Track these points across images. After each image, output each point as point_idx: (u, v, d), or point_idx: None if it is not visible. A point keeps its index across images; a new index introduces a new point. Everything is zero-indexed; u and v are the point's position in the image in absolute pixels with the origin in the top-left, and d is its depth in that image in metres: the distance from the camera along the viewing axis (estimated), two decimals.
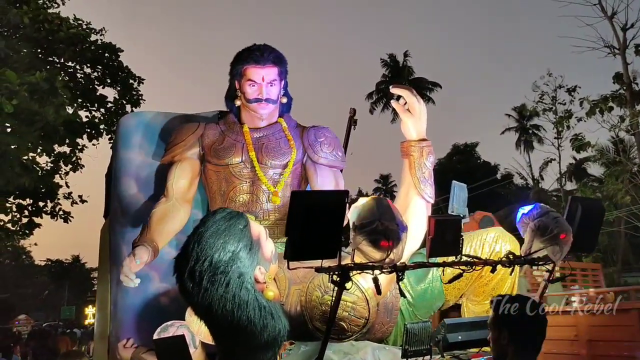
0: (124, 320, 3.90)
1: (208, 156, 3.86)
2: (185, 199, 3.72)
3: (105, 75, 12.61)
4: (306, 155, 3.94)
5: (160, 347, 2.71)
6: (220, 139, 3.90)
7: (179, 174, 3.76)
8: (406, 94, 3.32)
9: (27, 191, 10.33)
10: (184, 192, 3.69)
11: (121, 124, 4.63)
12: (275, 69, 3.84)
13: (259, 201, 3.68)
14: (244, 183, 3.74)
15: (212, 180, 3.85)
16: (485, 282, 3.43)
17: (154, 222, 3.50)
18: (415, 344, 2.73)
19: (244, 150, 3.82)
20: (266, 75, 3.81)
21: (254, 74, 3.80)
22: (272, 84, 3.84)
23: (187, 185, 3.76)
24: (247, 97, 3.85)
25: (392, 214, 2.29)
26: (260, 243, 2.80)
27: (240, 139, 3.87)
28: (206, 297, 2.49)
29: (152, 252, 3.31)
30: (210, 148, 3.86)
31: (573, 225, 2.78)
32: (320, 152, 3.90)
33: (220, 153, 3.82)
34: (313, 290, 2.99)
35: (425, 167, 3.30)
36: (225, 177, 3.77)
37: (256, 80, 3.81)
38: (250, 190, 3.71)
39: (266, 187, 3.70)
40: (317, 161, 3.87)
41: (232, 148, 3.82)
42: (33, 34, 10.33)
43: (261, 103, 3.83)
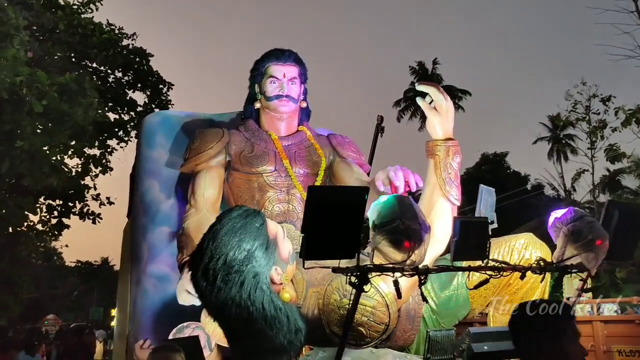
0: (142, 320, 3.87)
1: (236, 164, 3.79)
2: (214, 208, 3.66)
3: (136, 80, 12.82)
4: (334, 155, 3.96)
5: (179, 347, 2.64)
6: (249, 147, 3.84)
7: (209, 183, 3.69)
8: (433, 91, 3.21)
9: (56, 192, 10.53)
10: (213, 202, 3.64)
11: (145, 123, 4.64)
12: (296, 68, 3.89)
13: (295, 210, 3.62)
14: (279, 192, 3.68)
15: (242, 189, 3.77)
16: (513, 291, 3.26)
17: (193, 234, 3.38)
18: (438, 353, 2.59)
19: (276, 158, 3.78)
20: (287, 73, 3.84)
21: (276, 71, 3.84)
22: (293, 82, 3.86)
23: (216, 195, 3.70)
24: (268, 94, 3.85)
25: (414, 213, 2.17)
26: (277, 242, 2.71)
27: (271, 147, 3.83)
28: (219, 297, 2.41)
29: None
30: (240, 156, 3.80)
31: (609, 231, 2.60)
32: (349, 150, 3.99)
33: (253, 161, 3.75)
34: (331, 293, 2.88)
35: (452, 167, 3.17)
36: (259, 186, 3.70)
37: (277, 76, 3.83)
38: (285, 199, 3.66)
39: (301, 195, 3.65)
40: (347, 157, 3.93)
41: (265, 156, 3.77)
42: (67, 39, 10.57)
43: (282, 99, 3.82)
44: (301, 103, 4.00)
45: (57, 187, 9.18)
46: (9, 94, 6.70)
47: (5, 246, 10.93)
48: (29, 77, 6.83)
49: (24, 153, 7.65)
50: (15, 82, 6.61)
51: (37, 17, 9.35)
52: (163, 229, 4.06)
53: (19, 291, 12.53)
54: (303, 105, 4.04)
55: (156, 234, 4.08)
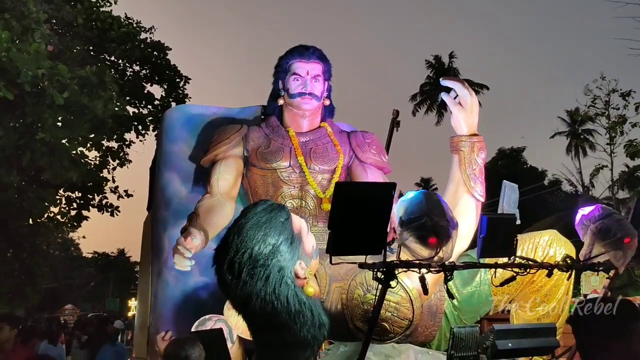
0: (164, 312, 3.90)
1: (253, 160, 3.80)
2: (230, 195, 3.66)
3: (153, 74, 12.87)
4: (353, 157, 3.90)
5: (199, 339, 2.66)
6: (266, 143, 3.84)
7: (224, 169, 3.71)
8: (458, 86, 3.18)
9: (75, 184, 10.64)
10: (229, 189, 3.63)
11: (166, 117, 4.67)
12: (320, 65, 3.84)
13: (307, 207, 3.61)
14: (292, 188, 3.68)
15: (258, 184, 3.78)
16: (537, 288, 3.24)
17: (202, 212, 3.37)
18: (462, 350, 2.57)
19: (292, 154, 3.76)
20: (311, 70, 3.81)
21: (299, 68, 3.80)
22: (317, 80, 3.82)
23: (232, 181, 3.70)
24: (291, 92, 3.81)
25: (442, 210, 2.16)
26: (301, 237, 2.71)
27: (287, 143, 3.81)
28: (245, 290, 2.42)
29: (203, 236, 3.15)
30: (256, 151, 3.80)
31: (638, 229, 2.57)
32: (369, 153, 3.89)
33: (267, 157, 3.75)
34: (355, 288, 2.88)
35: (476, 163, 3.15)
36: (273, 182, 3.70)
37: (301, 73, 3.80)
38: (298, 196, 3.65)
39: (315, 192, 3.63)
40: (365, 161, 3.85)
41: (280, 152, 3.76)
42: (86, 32, 10.64)
43: (305, 97, 3.79)
44: (324, 101, 3.95)
45: (76, 181, 9.27)
46: (31, 86, 6.79)
47: (26, 237, 11.09)
48: (50, 70, 6.91)
49: (44, 146, 7.74)
50: (37, 75, 6.69)
51: (56, 10, 9.42)
52: (184, 222, 4.08)
53: (38, 281, 12.72)
54: (326, 103, 3.99)
55: (177, 227, 4.09)
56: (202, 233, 3.16)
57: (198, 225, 3.25)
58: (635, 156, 15.43)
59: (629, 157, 15.82)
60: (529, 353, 2.86)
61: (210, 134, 4.14)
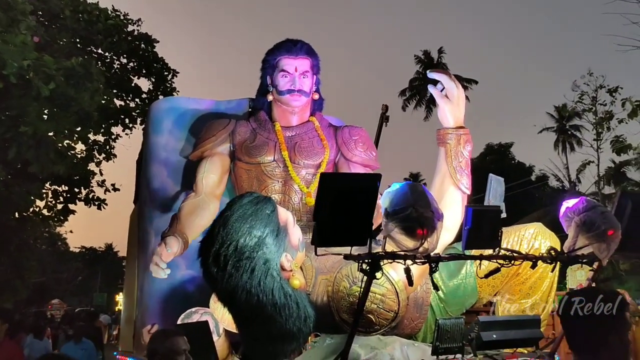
0: (150, 305, 3.88)
1: (239, 154, 3.78)
2: (215, 194, 3.65)
3: (141, 66, 12.75)
4: (339, 154, 3.87)
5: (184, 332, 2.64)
6: (252, 137, 3.82)
7: (209, 168, 3.70)
8: (444, 78, 3.18)
9: (62, 178, 10.52)
10: (214, 188, 3.63)
11: (152, 109, 4.62)
12: (308, 60, 3.81)
13: (291, 201, 3.60)
14: (276, 182, 3.66)
15: (243, 178, 3.77)
16: (522, 280, 3.27)
17: (184, 215, 3.43)
18: (447, 341, 2.59)
19: (276, 149, 3.74)
20: (299, 66, 3.77)
21: (287, 65, 3.76)
22: (305, 76, 3.79)
23: (217, 180, 3.69)
24: (280, 88, 3.77)
25: (427, 201, 2.16)
26: (287, 229, 2.69)
27: (273, 137, 3.79)
28: (230, 283, 2.41)
29: (181, 244, 3.26)
30: (242, 145, 3.78)
31: (622, 221, 2.59)
32: (355, 150, 3.85)
33: (252, 151, 3.74)
34: (341, 281, 2.88)
35: (462, 156, 3.16)
36: (257, 176, 3.69)
37: (289, 70, 3.76)
38: (282, 190, 3.64)
39: (299, 187, 3.62)
40: (351, 159, 3.82)
41: (264, 146, 3.74)
42: (72, 24, 10.49)
43: (294, 94, 3.75)
44: (313, 95, 3.92)
45: (63, 174, 9.17)
46: (17, 78, 6.69)
47: (13, 230, 10.97)
48: (36, 61, 6.82)
49: (30, 139, 7.64)
50: (23, 67, 6.59)
51: (43, 2, 9.29)
52: (170, 215, 4.05)
53: (26, 275, 12.61)
54: (315, 97, 3.96)
55: (163, 220, 4.06)
56: (180, 240, 3.25)
57: (177, 230, 3.32)
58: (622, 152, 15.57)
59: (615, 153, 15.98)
60: (513, 344, 2.88)
61: (199, 127, 4.11)
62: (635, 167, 22.38)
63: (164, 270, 3.17)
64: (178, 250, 3.24)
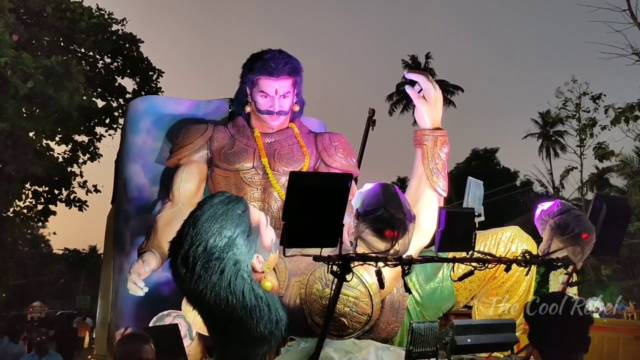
0: (124, 308, 3.81)
1: (217, 160, 3.70)
2: (192, 204, 3.54)
3: (125, 66, 12.64)
4: (320, 160, 3.81)
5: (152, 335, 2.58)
6: (230, 143, 3.74)
7: (186, 177, 3.61)
8: (422, 79, 3.16)
9: (42, 178, 10.39)
10: (191, 197, 3.53)
11: (130, 108, 4.54)
12: (289, 80, 3.65)
13: (271, 209, 3.53)
14: (255, 190, 3.59)
15: (221, 185, 3.68)
16: (498, 284, 3.24)
17: (160, 227, 3.35)
18: (421, 345, 2.55)
19: (255, 155, 3.66)
20: (280, 88, 3.62)
21: (267, 86, 3.61)
22: (286, 97, 3.66)
23: (194, 189, 3.61)
24: (259, 107, 3.67)
25: (399, 202, 2.13)
26: (259, 230, 2.64)
27: (252, 144, 3.72)
28: (199, 284, 2.35)
29: (159, 259, 3.21)
30: (220, 152, 3.70)
31: (597, 224, 2.58)
32: (335, 157, 3.79)
33: (231, 158, 3.66)
34: (313, 283, 2.84)
35: (439, 157, 3.13)
36: (235, 184, 3.61)
37: (269, 92, 3.62)
38: (261, 198, 3.57)
39: (279, 194, 3.54)
40: (332, 165, 3.75)
41: (243, 153, 3.67)
42: (54, 23, 10.36)
43: (273, 115, 3.67)
44: (293, 107, 3.80)
45: (42, 174, 9.04)
46: None
47: None
48: (14, 59, 6.71)
49: (7, 139, 7.52)
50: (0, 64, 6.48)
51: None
52: (146, 217, 3.98)
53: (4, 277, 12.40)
54: (295, 109, 3.84)
55: (139, 221, 4.00)
56: (158, 254, 3.22)
57: (154, 245, 3.28)
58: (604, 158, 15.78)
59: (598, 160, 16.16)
60: (488, 349, 2.86)
61: (177, 130, 4.05)
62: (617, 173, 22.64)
63: (142, 288, 3.12)
64: (156, 266, 3.21)
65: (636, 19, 15.55)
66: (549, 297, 1.86)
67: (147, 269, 3.12)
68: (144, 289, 3.13)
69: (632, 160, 18.13)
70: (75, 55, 10.97)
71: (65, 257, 37.88)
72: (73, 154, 11.63)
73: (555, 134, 28.22)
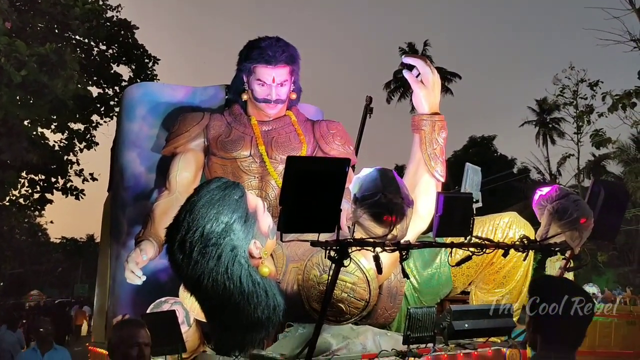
0: (122, 295, 3.81)
1: (213, 148, 3.68)
2: (188, 192, 3.53)
3: (120, 53, 12.49)
4: (317, 148, 3.80)
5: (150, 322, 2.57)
6: (227, 131, 3.71)
7: (183, 166, 3.59)
8: (420, 64, 3.14)
9: (38, 167, 10.30)
10: (187, 185, 3.51)
11: (126, 95, 4.51)
12: (286, 68, 3.63)
13: (268, 198, 3.51)
14: (253, 178, 3.57)
15: (217, 174, 3.64)
16: (496, 270, 3.25)
17: (157, 216, 3.34)
18: (418, 330, 2.56)
19: (252, 143, 3.64)
20: (277, 77, 3.60)
21: (264, 74, 3.59)
22: (283, 85, 3.65)
23: (190, 178, 3.59)
24: (256, 95, 3.64)
25: (397, 187, 2.11)
26: (257, 216, 2.64)
27: (249, 132, 3.69)
28: (196, 270, 2.35)
29: (157, 247, 3.21)
30: (217, 140, 3.67)
31: (595, 210, 2.58)
32: (333, 144, 3.78)
33: (228, 146, 3.63)
34: (311, 269, 2.83)
35: (437, 142, 3.11)
36: (233, 172, 3.58)
37: (266, 81, 3.60)
38: (258, 186, 3.55)
39: (276, 183, 3.53)
40: (329, 152, 3.74)
41: (241, 141, 3.64)
42: (48, 9, 10.20)
43: (270, 104, 3.64)
44: (291, 95, 3.78)
45: (37, 162, 8.95)
46: None
47: None
48: (7, 46, 6.61)
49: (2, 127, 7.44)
50: None
51: None
52: (143, 204, 3.97)
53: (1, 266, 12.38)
54: (293, 97, 3.82)
55: (136, 208, 3.99)
56: (155, 243, 3.21)
57: (152, 233, 3.26)
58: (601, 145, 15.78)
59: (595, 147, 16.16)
60: (485, 333, 2.87)
61: (173, 117, 4.01)
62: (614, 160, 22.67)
63: (140, 277, 3.11)
64: (153, 255, 3.21)
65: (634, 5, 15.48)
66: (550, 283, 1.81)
67: (144, 257, 3.12)
68: (142, 277, 3.13)
69: (629, 147, 18.12)
70: (69, 43, 10.81)
71: (62, 245, 37.88)
72: (69, 142, 11.53)
73: (552, 121, 28.17)
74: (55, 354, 4.46)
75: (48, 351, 4.41)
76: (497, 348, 2.89)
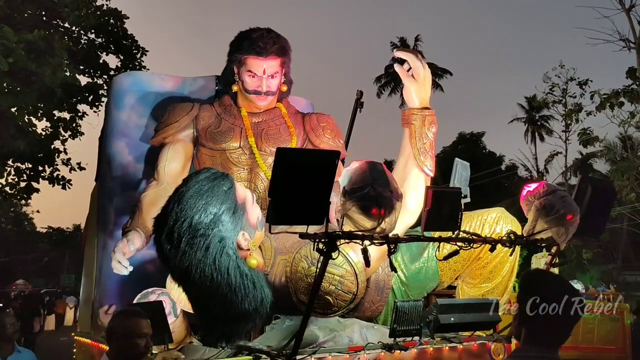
0: (108, 285, 3.79)
1: (203, 139, 3.65)
2: (177, 182, 3.51)
3: (109, 42, 12.35)
4: (307, 141, 3.79)
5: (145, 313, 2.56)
6: (217, 122, 3.68)
7: (171, 156, 3.56)
8: (411, 58, 3.14)
9: (24, 155, 10.19)
10: (176, 176, 3.48)
11: (115, 83, 4.46)
12: (277, 60, 3.60)
13: (257, 189, 3.49)
14: (242, 170, 3.56)
15: (206, 165, 3.61)
16: (482, 265, 3.27)
17: (145, 206, 3.32)
18: (405, 324, 2.58)
19: (242, 135, 3.61)
20: (268, 68, 3.57)
21: (255, 66, 3.56)
22: (274, 77, 3.62)
23: (179, 168, 3.56)
24: (246, 87, 3.61)
25: (386, 180, 2.11)
26: (245, 207, 2.63)
27: (239, 123, 3.66)
28: (184, 261, 2.33)
29: (144, 238, 3.19)
30: (206, 131, 3.64)
31: (581, 206, 2.60)
32: (323, 137, 3.78)
33: (217, 137, 3.61)
34: (299, 261, 2.83)
35: (427, 137, 3.12)
36: (222, 163, 3.56)
37: (257, 72, 3.57)
38: (248, 178, 3.54)
39: (265, 175, 3.52)
40: (319, 146, 3.73)
41: (230, 132, 3.62)
42: None
43: (260, 95, 3.62)
44: (281, 87, 3.75)
45: (24, 150, 8.85)
46: None
47: None
48: None
49: None
50: None
51: None
52: (130, 193, 3.94)
53: None
54: (283, 89, 3.79)
55: (123, 198, 3.96)
56: (143, 234, 3.21)
57: (139, 224, 3.25)
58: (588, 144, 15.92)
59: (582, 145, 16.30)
60: (471, 327, 2.89)
61: (162, 107, 3.98)
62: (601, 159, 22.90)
63: (127, 267, 3.09)
64: (140, 245, 3.20)
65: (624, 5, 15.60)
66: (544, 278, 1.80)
67: (131, 248, 3.10)
68: (129, 268, 3.11)
69: (616, 146, 18.31)
70: (58, 30, 10.67)
71: (48, 235, 37.55)
72: (54, 130, 11.40)
73: (541, 119, 28.38)
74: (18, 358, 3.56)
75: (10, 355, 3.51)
76: (482, 342, 2.92)
